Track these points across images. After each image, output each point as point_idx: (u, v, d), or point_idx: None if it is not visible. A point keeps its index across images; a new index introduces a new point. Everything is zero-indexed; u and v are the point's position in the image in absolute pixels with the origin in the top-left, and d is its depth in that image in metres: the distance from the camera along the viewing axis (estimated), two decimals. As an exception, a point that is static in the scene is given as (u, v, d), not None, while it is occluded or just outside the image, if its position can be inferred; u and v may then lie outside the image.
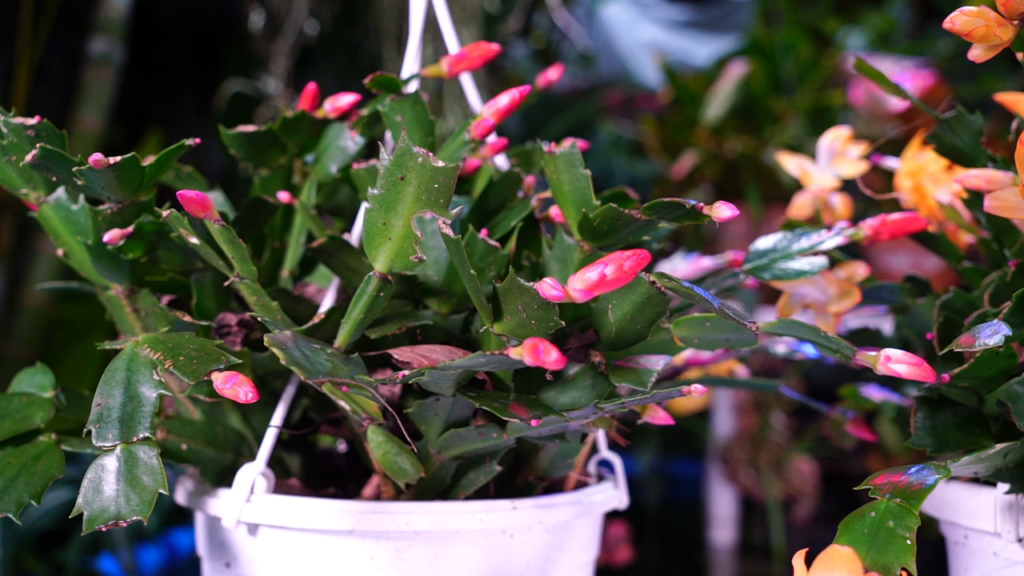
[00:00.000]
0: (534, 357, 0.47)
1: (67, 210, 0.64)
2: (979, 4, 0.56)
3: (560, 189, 0.59)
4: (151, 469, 0.51)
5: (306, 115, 0.68)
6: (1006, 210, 0.59)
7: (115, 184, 0.57)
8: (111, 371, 0.54)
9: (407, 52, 0.70)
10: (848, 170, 0.77)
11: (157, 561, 1.33)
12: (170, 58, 2.11)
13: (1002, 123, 0.84)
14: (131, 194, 0.59)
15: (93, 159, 0.54)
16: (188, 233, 0.56)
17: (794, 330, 0.55)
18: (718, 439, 1.88)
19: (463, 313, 0.64)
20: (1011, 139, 0.66)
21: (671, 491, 2.21)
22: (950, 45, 2.07)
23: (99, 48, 1.45)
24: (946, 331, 0.64)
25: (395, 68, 1.00)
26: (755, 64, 1.90)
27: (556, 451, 0.66)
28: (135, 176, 0.57)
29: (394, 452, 0.60)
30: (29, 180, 0.63)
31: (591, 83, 2.40)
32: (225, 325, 0.64)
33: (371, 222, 0.55)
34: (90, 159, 0.54)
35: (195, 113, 2.06)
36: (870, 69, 0.67)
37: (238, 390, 0.50)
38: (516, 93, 0.63)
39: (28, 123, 0.58)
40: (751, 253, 0.68)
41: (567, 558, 0.65)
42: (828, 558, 0.46)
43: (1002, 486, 0.59)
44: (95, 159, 0.54)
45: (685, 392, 0.52)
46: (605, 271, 0.49)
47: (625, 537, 1.56)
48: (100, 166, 0.54)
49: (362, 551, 0.59)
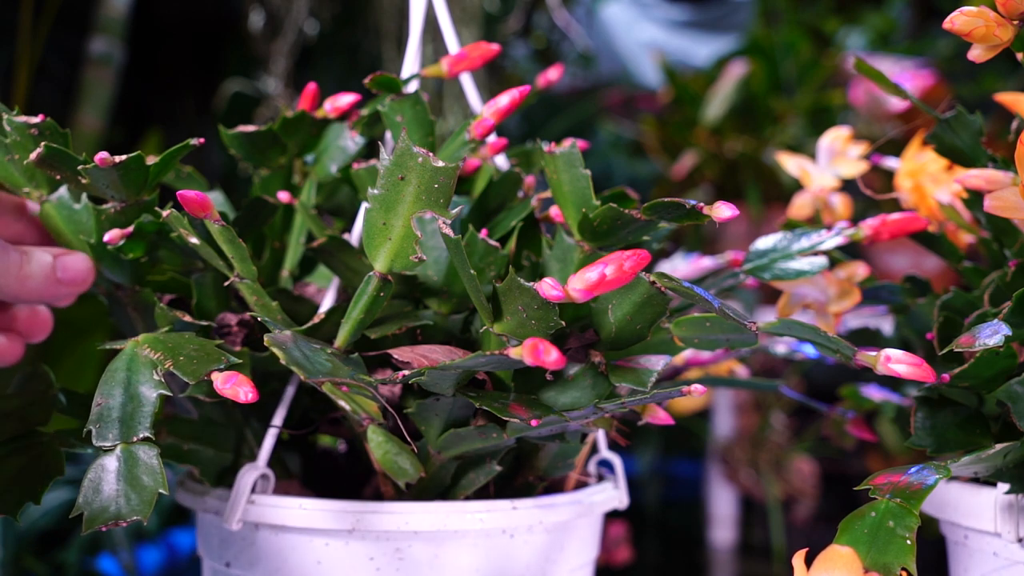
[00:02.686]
0: (534, 357, 0.47)
1: (69, 209, 0.63)
2: (979, 4, 0.56)
3: (560, 189, 0.59)
4: (151, 469, 0.51)
5: (306, 115, 0.68)
6: (1006, 210, 0.59)
7: (119, 183, 0.57)
8: (111, 371, 0.54)
9: (407, 52, 0.70)
10: (848, 170, 0.77)
11: (157, 561, 1.33)
12: (170, 58, 2.11)
13: (1002, 123, 0.84)
14: (135, 193, 0.59)
15: (99, 157, 0.54)
16: (188, 233, 0.56)
17: (794, 330, 0.55)
18: (718, 439, 1.88)
19: (463, 313, 0.64)
20: (1011, 139, 0.66)
21: (671, 491, 2.21)
22: (950, 45, 2.07)
23: (99, 48, 1.45)
24: (946, 331, 0.64)
25: (395, 68, 1.00)
26: (755, 64, 1.90)
27: (556, 451, 0.66)
28: (139, 175, 0.57)
29: (394, 452, 0.60)
30: (31, 179, 0.63)
31: (591, 83, 2.40)
32: (225, 325, 0.64)
33: (371, 222, 0.55)
34: (95, 157, 0.54)
35: (195, 113, 2.06)
36: (870, 69, 0.67)
37: (238, 390, 0.50)
38: (516, 93, 0.63)
39: (32, 122, 0.58)
40: (751, 253, 0.68)
41: (567, 558, 0.65)
42: (828, 558, 0.46)
43: (1002, 486, 0.59)
44: (100, 157, 0.54)
45: (685, 392, 0.52)
46: (605, 271, 0.49)
47: (625, 537, 1.56)
48: (106, 164, 0.54)
49: (362, 551, 0.59)
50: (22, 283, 0.59)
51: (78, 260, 0.62)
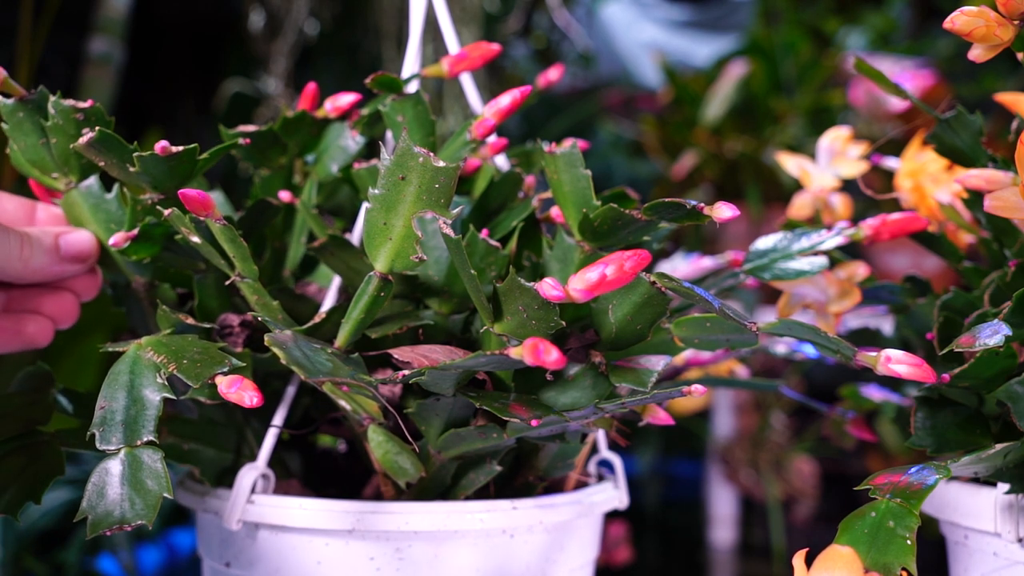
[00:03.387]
0: (534, 357, 0.47)
1: (99, 198, 0.63)
2: (979, 4, 0.56)
3: (560, 189, 0.59)
4: (155, 473, 0.51)
5: (306, 115, 0.68)
6: (1006, 210, 0.59)
7: (167, 174, 0.57)
8: (114, 374, 0.54)
9: (407, 52, 0.70)
10: (848, 170, 0.77)
11: (157, 561, 1.33)
12: (170, 58, 2.11)
13: (1002, 123, 0.84)
14: (177, 186, 0.58)
15: (159, 146, 0.54)
16: (190, 232, 0.56)
17: (794, 330, 0.55)
18: (718, 439, 1.88)
19: (464, 313, 0.64)
20: (1011, 139, 0.66)
21: (671, 491, 2.21)
22: (950, 45, 2.07)
23: (99, 48, 1.45)
24: (946, 331, 0.64)
25: (395, 68, 1.00)
26: (755, 64, 1.90)
27: (556, 451, 0.66)
28: (188, 168, 0.58)
29: (394, 452, 0.60)
30: (65, 163, 0.61)
31: (591, 83, 2.40)
32: (227, 326, 0.64)
33: (372, 222, 0.55)
34: (156, 146, 0.54)
35: (195, 113, 2.06)
36: (870, 69, 0.67)
37: (243, 395, 0.50)
38: (517, 93, 0.63)
39: (80, 106, 0.58)
40: (751, 253, 0.68)
41: (567, 558, 0.65)
42: (828, 558, 0.46)
43: (1002, 486, 0.59)
44: (161, 146, 0.54)
45: (685, 392, 0.52)
46: (605, 271, 0.49)
47: (625, 537, 1.56)
48: (165, 153, 0.55)
49: (362, 551, 0.59)
50: (25, 263, 0.59)
51: (81, 237, 0.62)
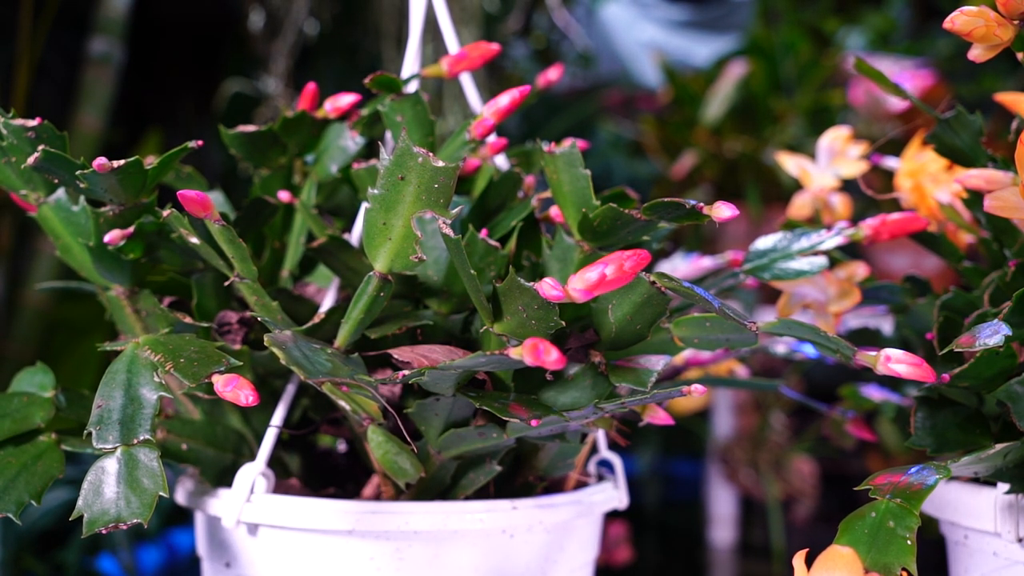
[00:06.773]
0: (534, 357, 0.47)
1: (67, 211, 0.64)
2: (979, 4, 0.56)
3: (560, 189, 0.59)
4: (151, 471, 0.51)
5: (306, 115, 0.68)
6: (1006, 210, 0.59)
7: (118, 187, 0.57)
8: (111, 373, 0.54)
9: (407, 52, 0.70)
10: (848, 170, 0.77)
11: (157, 561, 1.33)
12: (170, 58, 2.11)
13: (1002, 123, 0.84)
14: (133, 196, 0.59)
15: (97, 163, 0.53)
16: (188, 233, 0.56)
17: (794, 330, 0.55)
18: (718, 439, 1.88)
19: (463, 313, 0.64)
20: (1011, 139, 0.66)
21: (671, 491, 2.21)
22: (950, 45, 2.07)
23: (99, 48, 1.45)
24: (946, 331, 0.64)
25: (395, 68, 1.00)
26: (755, 64, 1.90)
27: (556, 451, 0.66)
28: (138, 179, 0.57)
29: (394, 452, 0.60)
30: (28, 181, 0.63)
31: (591, 83, 2.39)
32: (226, 323, 0.64)
33: (371, 222, 0.55)
34: (93, 163, 0.53)
35: (195, 113, 2.06)
36: (870, 69, 0.67)
37: (239, 393, 0.50)
38: (516, 93, 0.63)
39: (28, 125, 0.58)
40: (751, 253, 0.68)
41: (567, 558, 0.65)
42: (828, 558, 0.46)
43: (1002, 486, 0.59)
44: (99, 163, 0.53)
45: (685, 392, 0.52)
46: (605, 271, 0.49)
47: (625, 537, 1.56)
48: (104, 170, 0.54)
49: (362, 551, 0.59)
50: None
51: None
